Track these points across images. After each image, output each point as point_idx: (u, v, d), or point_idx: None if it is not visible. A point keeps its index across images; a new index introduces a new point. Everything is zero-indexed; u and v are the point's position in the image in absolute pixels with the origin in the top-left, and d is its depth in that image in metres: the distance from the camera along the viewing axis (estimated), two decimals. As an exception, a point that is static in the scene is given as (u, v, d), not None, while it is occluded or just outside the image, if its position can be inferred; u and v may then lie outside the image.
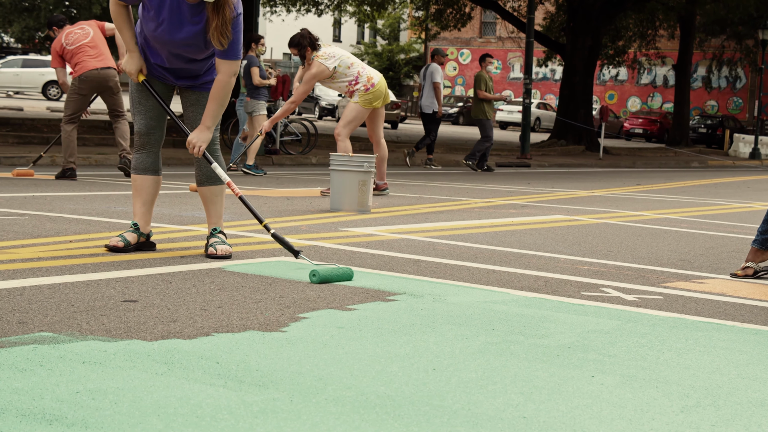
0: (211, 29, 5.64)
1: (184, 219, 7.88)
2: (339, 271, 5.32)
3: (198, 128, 5.84)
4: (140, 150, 6.03)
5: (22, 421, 2.66)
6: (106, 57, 11.51)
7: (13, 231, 6.59)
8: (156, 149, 6.05)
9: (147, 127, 5.99)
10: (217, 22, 5.62)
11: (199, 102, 6.02)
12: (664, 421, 3.01)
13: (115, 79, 11.56)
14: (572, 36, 30.49)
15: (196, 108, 6.02)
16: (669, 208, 11.71)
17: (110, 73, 11.47)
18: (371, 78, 10.73)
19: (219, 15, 5.62)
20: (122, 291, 4.66)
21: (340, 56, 10.68)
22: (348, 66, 10.67)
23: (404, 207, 10.11)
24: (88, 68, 11.31)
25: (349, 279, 5.33)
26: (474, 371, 3.49)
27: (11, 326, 3.80)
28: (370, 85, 10.69)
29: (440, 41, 58.16)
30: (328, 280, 5.22)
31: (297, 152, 18.73)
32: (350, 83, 10.68)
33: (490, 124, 18.32)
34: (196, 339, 3.76)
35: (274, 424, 2.76)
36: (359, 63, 10.82)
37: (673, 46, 44.92)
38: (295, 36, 10.66)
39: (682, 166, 27.47)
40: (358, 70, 10.71)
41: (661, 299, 5.32)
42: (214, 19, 5.62)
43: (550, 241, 7.72)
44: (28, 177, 11.51)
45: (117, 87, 11.62)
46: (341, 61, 10.64)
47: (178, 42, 5.75)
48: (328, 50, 10.68)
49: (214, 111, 5.84)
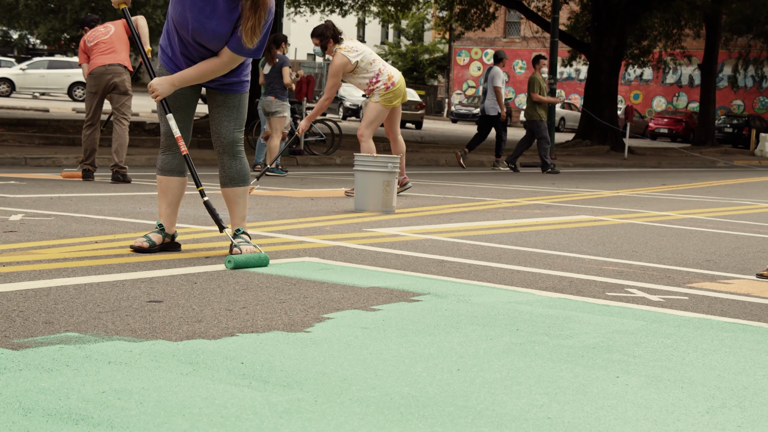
0: (246, 27, 5.64)
1: (208, 220, 7.90)
2: (254, 257, 5.59)
3: (165, 78, 5.83)
4: (166, 151, 6.05)
5: (48, 421, 2.67)
6: (117, 54, 11.32)
7: (40, 232, 6.63)
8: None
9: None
10: (253, 22, 5.63)
11: (226, 103, 6.01)
12: (690, 422, 3.00)
13: (123, 77, 11.32)
14: (597, 36, 30.38)
15: (222, 109, 6.02)
16: (694, 208, 11.65)
17: (117, 69, 11.28)
18: (392, 77, 10.70)
19: (255, 15, 5.63)
20: (147, 291, 4.67)
21: (362, 51, 10.65)
22: (370, 62, 10.64)
23: (428, 207, 10.10)
24: (96, 65, 11.26)
25: (264, 265, 5.60)
26: (498, 372, 3.49)
27: (38, 326, 3.82)
28: (390, 84, 10.66)
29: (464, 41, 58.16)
30: (243, 266, 5.51)
31: (321, 153, 18.74)
32: (371, 80, 10.65)
33: (544, 125, 18.53)
34: (221, 339, 3.77)
35: (299, 425, 2.77)
36: (381, 61, 10.79)
37: (698, 45, 44.70)
38: (319, 26, 10.63)
39: (708, 166, 27.33)
40: (380, 67, 10.67)
41: (686, 300, 5.30)
42: (250, 18, 5.63)
43: (574, 241, 7.70)
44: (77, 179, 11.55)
45: (125, 87, 11.34)
46: (363, 57, 10.62)
47: (207, 31, 5.72)
48: (351, 44, 10.66)
49: (189, 76, 5.82)
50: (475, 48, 62.86)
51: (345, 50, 10.55)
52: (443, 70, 67.49)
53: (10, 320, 3.89)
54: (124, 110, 11.39)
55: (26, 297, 4.38)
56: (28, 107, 32.11)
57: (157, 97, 5.82)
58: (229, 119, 6.02)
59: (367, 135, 10.72)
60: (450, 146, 26.34)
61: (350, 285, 5.15)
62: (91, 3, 35.64)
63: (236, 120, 6.04)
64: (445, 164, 20.00)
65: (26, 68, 44.95)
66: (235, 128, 6.04)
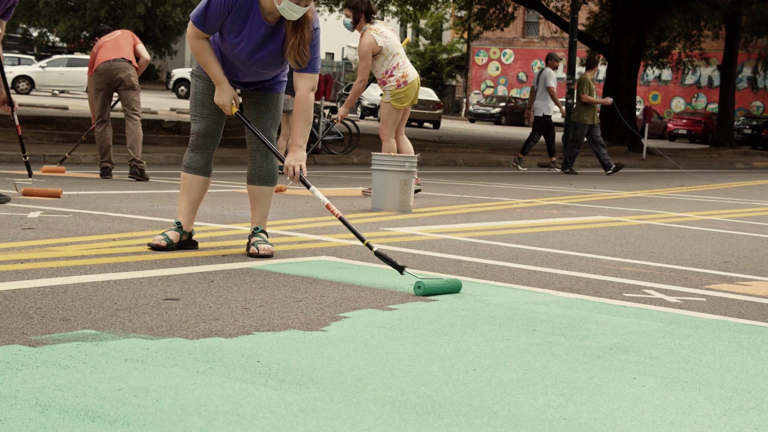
0: (288, 48, 5.63)
1: (226, 218, 7.92)
2: (447, 283, 5.04)
3: (291, 150, 5.82)
4: (195, 150, 6.04)
5: (65, 418, 2.68)
6: (122, 51, 11.39)
7: (57, 229, 6.65)
8: (210, 152, 6.06)
9: (206, 129, 5.99)
10: (294, 41, 5.60)
11: (263, 101, 6.01)
12: (707, 424, 2.99)
13: (129, 73, 11.34)
14: (616, 36, 30.31)
15: (259, 107, 6.01)
16: (713, 210, 11.61)
17: (123, 65, 11.32)
18: (406, 75, 10.54)
19: (297, 34, 5.60)
20: (164, 289, 4.68)
21: (390, 39, 10.49)
22: (393, 54, 10.49)
23: (445, 207, 10.10)
24: (101, 60, 11.31)
25: (457, 291, 5.08)
26: (514, 372, 3.48)
27: (55, 323, 3.83)
28: (402, 82, 10.50)
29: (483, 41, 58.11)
30: (434, 293, 4.98)
31: (339, 152, 18.75)
32: (386, 71, 10.51)
33: (584, 131, 18.30)
34: (237, 338, 3.77)
35: (314, 423, 2.77)
36: (403, 56, 10.62)
37: (717, 46, 44.57)
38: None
39: (727, 167, 27.23)
40: (399, 62, 10.51)
41: (704, 301, 5.28)
42: (291, 37, 5.60)
43: (591, 242, 7.68)
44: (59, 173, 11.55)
45: (131, 82, 11.36)
46: (388, 45, 10.46)
47: (257, 61, 5.76)
48: (382, 28, 10.52)
49: (302, 129, 5.82)
50: (493, 48, 62.80)
51: (374, 31, 10.42)
52: (461, 70, 67.44)
53: (27, 317, 3.91)
54: (133, 106, 11.43)
55: (44, 294, 4.40)
56: (48, 105, 32.21)
57: (298, 172, 5.75)
58: (266, 117, 6.02)
59: (387, 134, 10.62)
60: (468, 146, 26.33)
61: (367, 284, 5.15)
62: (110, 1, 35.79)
63: (272, 118, 6.04)
64: (462, 164, 19.99)
65: (46, 66, 45.15)
66: (271, 127, 6.05)
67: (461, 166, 19.62)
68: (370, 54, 10.42)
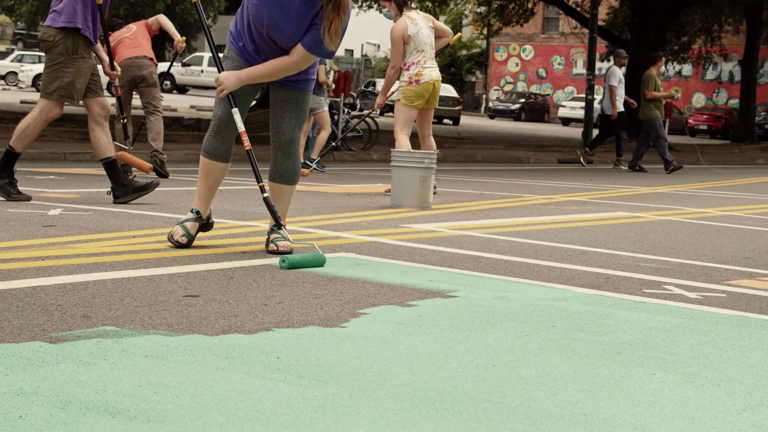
0: (329, 29, 5.58)
1: (246, 215, 7.94)
2: (309, 257, 5.48)
3: (234, 72, 5.79)
4: (216, 135, 5.98)
5: (85, 414, 2.69)
6: (142, 48, 11.52)
7: (78, 226, 6.68)
8: (231, 138, 6.01)
9: (227, 114, 5.92)
10: (336, 24, 5.57)
11: (290, 99, 5.95)
12: (727, 420, 2.98)
13: (151, 70, 11.49)
14: (636, 31, 30.24)
15: (285, 105, 5.96)
16: (733, 205, 11.57)
17: (144, 62, 11.46)
18: (420, 75, 10.25)
19: (338, 16, 5.56)
20: (184, 286, 4.70)
21: (420, 32, 10.28)
22: (418, 49, 10.29)
23: (465, 203, 10.09)
24: (123, 57, 11.41)
25: (320, 265, 5.49)
26: (534, 368, 3.48)
27: (75, 320, 3.85)
28: (415, 80, 10.23)
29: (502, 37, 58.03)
30: (298, 266, 5.40)
31: (358, 148, 18.77)
32: (406, 64, 10.29)
33: (660, 123, 18.19)
34: (257, 334, 3.78)
35: (334, 419, 2.77)
36: (428, 54, 10.38)
37: (738, 41, 44.37)
38: None
39: (748, 162, 27.12)
40: (419, 59, 10.29)
41: (724, 297, 5.26)
42: (334, 19, 5.56)
43: (611, 238, 7.66)
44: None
45: (153, 79, 11.53)
46: (418, 38, 10.26)
47: (283, 29, 5.67)
48: (419, 18, 10.34)
49: (258, 73, 5.78)
50: (513, 44, 62.69)
51: (409, 18, 10.24)
52: (481, 66, 67.37)
53: (48, 314, 3.93)
54: (155, 103, 11.63)
55: (64, 291, 4.41)
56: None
57: (223, 92, 5.79)
58: (291, 116, 5.96)
59: (398, 131, 10.35)
60: (487, 142, 26.31)
61: (386, 281, 5.15)
62: None
63: (297, 117, 5.98)
64: (482, 160, 19.96)
65: (66, 64, 45.25)
66: (296, 126, 5.98)
67: (481, 163, 19.60)
68: (401, 40, 10.21)
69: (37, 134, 8.12)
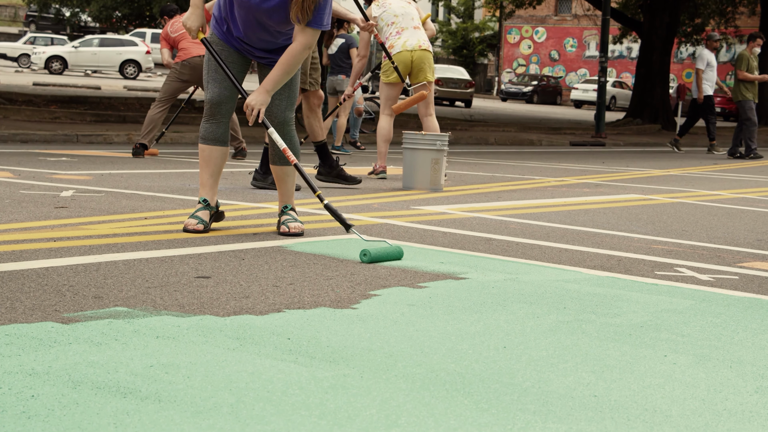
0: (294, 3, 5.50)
1: (257, 196, 7.94)
2: (390, 250, 5.22)
3: (257, 90, 5.66)
4: (210, 119, 5.95)
5: (97, 394, 2.70)
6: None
7: (90, 208, 6.69)
8: (226, 120, 5.98)
9: (219, 96, 5.90)
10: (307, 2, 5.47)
11: None
12: (738, 401, 2.97)
13: None
14: (649, 13, 30.10)
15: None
16: (746, 188, 11.53)
17: None
18: (392, 46, 9.71)
19: None
20: (195, 267, 4.70)
21: (389, 8, 9.77)
22: (387, 23, 9.77)
23: (476, 185, 10.07)
24: (192, 55, 11.44)
25: (399, 258, 5.24)
26: (545, 349, 3.48)
27: (87, 301, 3.86)
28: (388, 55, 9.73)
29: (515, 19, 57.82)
30: (379, 260, 5.14)
31: (370, 130, 18.74)
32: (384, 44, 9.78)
33: (750, 105, 17.89)
34: (268, 315, 3.79)
35: (345, 400, 2.77)
36: (402, 24, 9.76)
37: (753, 23, 44.08)
38: None
39: (762, 145, 26.98)
40: (391, 31, 9.75)
41: (736, 279, 5.25)
42: None
43: (623, 220, 7.65)
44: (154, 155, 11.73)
45: None
46: (385, 14, 9.77)
47: (265, 9, 5.64)
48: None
49: (278, 77, 5.65)
50: (525, 26, 62.52)
51: (375, 2, 9.86)
52: (493, 48, 67.20)
53: (60, 294, 3.94)
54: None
55: (76, 272, 4.42)
56: (80, 85, 32.37)
57: (260, 115, 5.63)
58: (281, 97, 5.90)
59: (380, 113, 10.03)
60: (499, 125, 26.25)
61: (397, 263, 5.15)
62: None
63: (288, 98, 5.92)
64: (494, 143, 19.93)
65: (78, 46, 45.41)
66: (287, 107, 5.93)
67: (493, 145, 19.57)
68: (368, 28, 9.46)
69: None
